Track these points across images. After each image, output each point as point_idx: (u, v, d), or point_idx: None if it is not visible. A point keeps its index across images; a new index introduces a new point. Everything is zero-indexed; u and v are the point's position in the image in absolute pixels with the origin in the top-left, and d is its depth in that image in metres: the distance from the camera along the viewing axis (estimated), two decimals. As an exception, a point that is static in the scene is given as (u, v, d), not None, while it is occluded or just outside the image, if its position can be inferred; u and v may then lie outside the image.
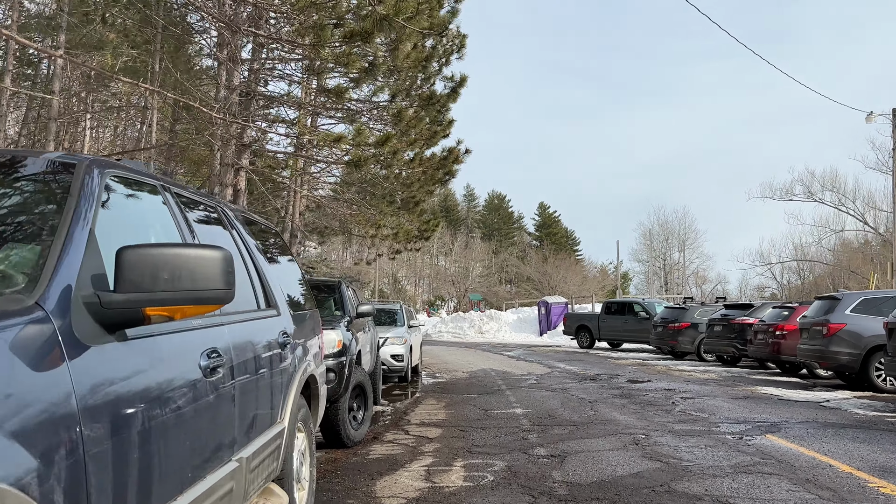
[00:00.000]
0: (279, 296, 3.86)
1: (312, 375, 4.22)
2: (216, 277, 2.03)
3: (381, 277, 75.02)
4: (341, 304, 7.98)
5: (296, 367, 3.83)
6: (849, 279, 53.04)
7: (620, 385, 12.94)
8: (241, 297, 3.16)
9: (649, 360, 19.66)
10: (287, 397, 3.62)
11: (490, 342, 30.94)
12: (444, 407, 9.92)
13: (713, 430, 7.64)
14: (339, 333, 6.80)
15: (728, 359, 18.46)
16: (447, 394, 11.85)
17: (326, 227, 26.92)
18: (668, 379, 14.25)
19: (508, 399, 10.75)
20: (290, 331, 3.81)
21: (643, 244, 76.78)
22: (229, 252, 2.11)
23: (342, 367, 6.68)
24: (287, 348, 3.68)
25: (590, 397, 10.86)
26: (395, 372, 13.99)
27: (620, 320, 24.82)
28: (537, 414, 8.96)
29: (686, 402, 10.23)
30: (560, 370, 16.48)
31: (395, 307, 16.40)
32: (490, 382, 13.69)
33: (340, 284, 8.26)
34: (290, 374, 3.71)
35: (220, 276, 2.04)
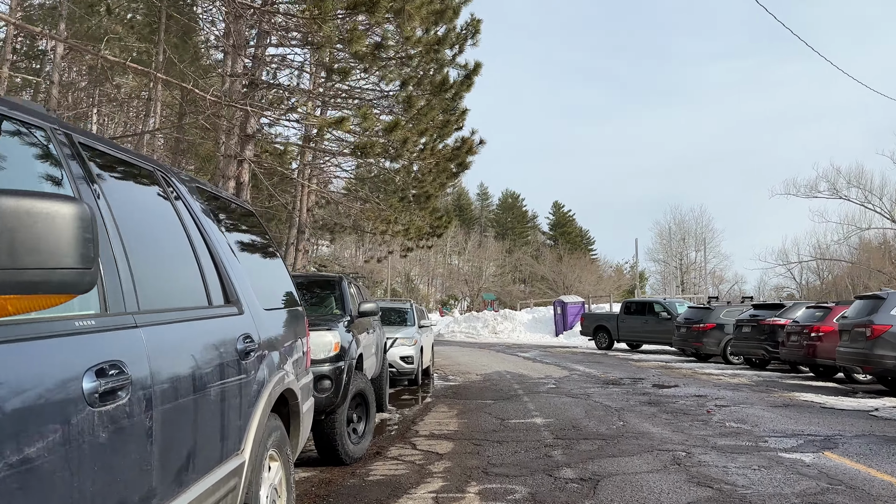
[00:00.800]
0: (244, 290, 3.02)
1: (290, 389, 3.36)
2: (64, 247, 1.19)
3: (393, 277, 74.33)
4: (342, 302, 7.15)
5: (265, 379, 2.99)
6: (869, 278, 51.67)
7: (646, 390, 12.02)
8: (179, 287, 2.32)
9: (672, 363, 18.70)
10: (250, 420, 2.78)
11: (504, 343, 30.05)
12: (457, 415, 9.06)
13: (761, 446, 6.73)
14: (336, 335, 5.96)
15: (756, 362, 17.47)
16: (460, 399, 10.99)
17: (337, 223, 26.20)
18: (697, 384, 13.31)
19: (526, 406, 9.87)
20: (257, 334, 2.97)
21: (659, 243, 75.52)
22: (87, 207, 1.26)
23: (339, 373, 5.84)
24: (252, 357, 2.84)
25: (615, 404, 9.96)
26: (404, 375, 13.16)
27: (640, 321, 23.84)
28: (560, 425, 8.07)
29: (722, 411, 9.31)
30: (579, 373, 15.58)
31: (405, 306, 15.56)
32: (505, 386, 12.82)
33: (341, 280, 7.43)
34: (256, 390, 2.87)
35: (70, 246, 1.20)
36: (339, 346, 5.92)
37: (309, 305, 7.38)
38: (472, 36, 15.25)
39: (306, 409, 3.79)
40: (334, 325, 6.05)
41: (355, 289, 8.37)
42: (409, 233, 21.54)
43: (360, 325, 7.31)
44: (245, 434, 2.71)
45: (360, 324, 7.33)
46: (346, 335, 6.31)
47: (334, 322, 6.20)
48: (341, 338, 6.02)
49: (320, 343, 5.84)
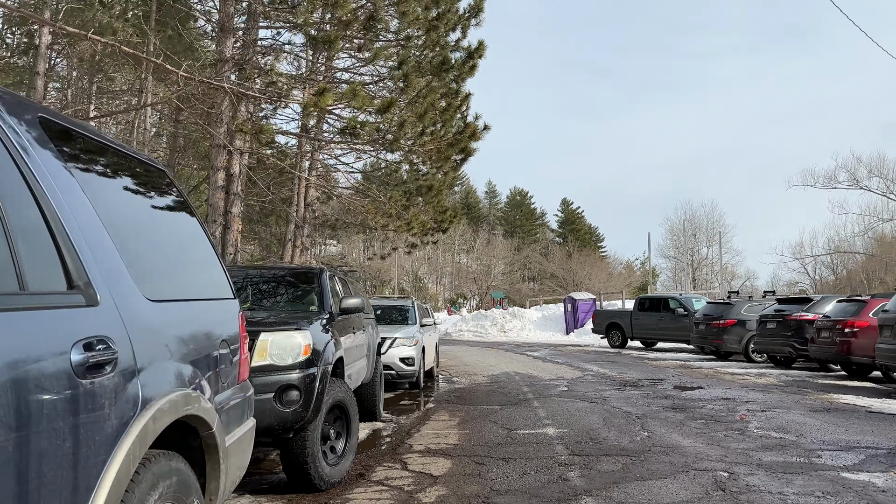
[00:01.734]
0: (109, 272, 2.01)
1: (198, 416, 2.35)
2: None
3: (401, 276, 73.48)
4: (320, 297, 6.14)
5: (141, 403, 1.99)
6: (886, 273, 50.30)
7: (667, 393, 10.98)
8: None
9: (691, 362, 17.62)
10: (105, 468, 1.77)
11: (513, 341, 29.00)
12: (458, 424, 8.04)
13: (816, 464, 5.69)
14: (307, 336, 4.96)
15: (781, 360, 16.37)
16: (464, 404, 9.98)
17: (339, 219, 25.23)
18: (721, 384, 12.25)
19: (537, 413, 8.84)
20: (125, 336, 1.97)
21: (670, 239, 74.34)
22: None
23: (310, 381, 4.84)
24: (108, 372, 1.84)
25: (636, 410, 8.92)
26: (404, 377, 12.18)
27: (655, 317, 22.74)
28: (575, 436, 7.04)
29: (758, 418, 8.25)
30: (593, 374, 14.54)
31: (405, 304, 14.56)
32: (514, 389, 11.80)
33: (321, 273, 6.42)
34: (120, 421, 1.87)
35: None
36: (310, 348, 4.92)
37: (285, 302, 6.38)
38: (475, 14, 14.24)
39: (236, 438, 2.79)
40: (305, 325, 5.04)
41: (340, 283, 7.37)
42: (412, 228, 20.56)
43: (343, 325, 6.31)
44: (93, 491, 1.72)
45: (343, 323, 6.33)
46: (322, 336, 5.30)
47: (306, 320, 5.20)
48: (314, 339, 5.02)
49: (287, 346, 4.84)
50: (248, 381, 3.28)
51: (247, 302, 6.15)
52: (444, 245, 77.72)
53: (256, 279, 6.45)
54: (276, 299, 6.34)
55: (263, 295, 6.39)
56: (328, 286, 6.29)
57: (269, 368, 4.73)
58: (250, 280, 6.43)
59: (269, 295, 6.38)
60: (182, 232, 2.85)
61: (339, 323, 6.17)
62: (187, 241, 2.89)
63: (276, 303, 6.28)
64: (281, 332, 4.87)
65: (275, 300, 6.32)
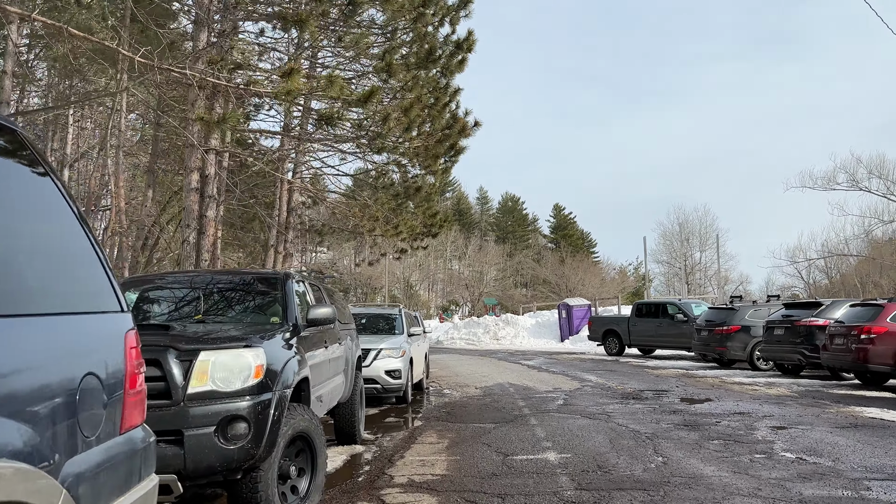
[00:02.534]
0: None
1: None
2: None
3: (393, 283, 72.55)
4: (284, 307, 5.25)
5: None
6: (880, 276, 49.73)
7: (675, 406, 10.13)
8: None
9: (693, 370, 16.79)
10: None
11: (506, 349, 28.11)
12: (448, 448, 7.15)
13: (869, 499, 4.84)
14: (260, 354, 4.07)
15: (789, 368, 15.56)
16: (454, 422, 9.09)
17: (325, 225, 24.34)
18: (731, 396, 11.41)
19: (535, 432, 7.96)
20: None
21: (662, 244, 73.73)
22: None
23: (262, 410, 3.95)
24: None
25: (644, 429, 8.06)
26: (391, 391, 11.29)
27: (653, 324, 21.91)
28: (580, 463, 6.17)
29: (781, 437, 7.41)
30: (591, 384, 13.68)
31: (392, 312, 13.66)
32: (508, 403, 10.92)
33: (286, 280, 5.52)
34: None
35: None
36: (263, 369, 4.03)
37: (242, 313, 5.49)
38: (464, 6, 13.42)
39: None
40: (257, 341, 4.15)
41: (313, 290, 6.47)
42: (400, 232, 19.70)
43: (312, 338, 5.42)
44: None
45: (313, 336, 5.44)
46: (281, 353, 4.42)
47: (260, 336, 4.31)
48: (269, 357, 4.13)
49: (234, 367, 3.95)
50: (144, 428, 2.39)
51: (195, 314, 5.25)
52: (436, 251, 76.93)
53: (207, 287, 5.55)
54: (231, 310, 5.44)
55: (216, 305, 5.49)
56: (293, 294, 5.40)
57: (210, 396, 3.85)
58: (198, 287, 5.53)
59: (222, 305, 5.48)
60: (34, 215, 1.95)
61: (307, 336, 5.28)
62: (45, 229, 1.99)
63: (231, 314, 5.39)
64: (226, 350, 3.98)
65: (230, 311, 5.42)
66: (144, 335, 4.19)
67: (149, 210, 25.34)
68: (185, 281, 5.63)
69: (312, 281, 6.69)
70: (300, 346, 4.96)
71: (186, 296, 5.49)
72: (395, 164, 18.18)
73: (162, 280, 5.67)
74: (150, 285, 5.64)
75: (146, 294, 5.61)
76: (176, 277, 5.78)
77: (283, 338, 4.70)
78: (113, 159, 19.24)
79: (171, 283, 5.67)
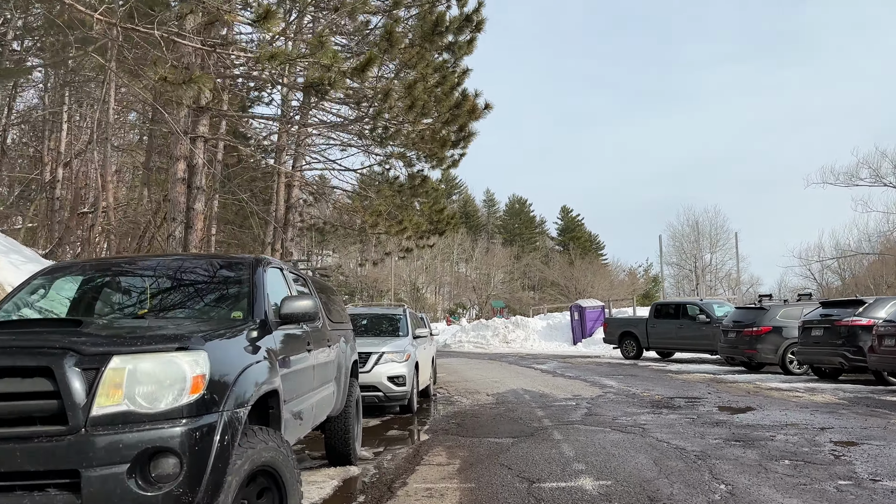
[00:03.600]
0: None
1: None
2: None
3: (399, 285, 71.51)
4: (250, 300, 4.08)
5: None
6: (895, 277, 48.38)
7: (716, 417, 8.92)
8: None
9: (721, 375, 15.55)
10: None
11: (517, 353, 26.89)
12: (460, 471, 5.98)
13: None
14: (199, 360, 2.91)
15: (827, 371, 14.33)
16: (466, 436, 7.91)
17: (326, 223, 23.23)
18: (773, 404, 10.21)
19: (561, 450, 6.78)
20: None
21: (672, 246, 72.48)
22: None
23: (201, 438, 2.78)
24: None
25: (690, 446, 6.86)
26: (394, 400, 10.14)
27: (674, 325, 20.65)
28: (626, 494, 4.98)
29: (857, 455, 6.21)
30: (613, 391, 12.48)
31: (396, 312, 12.49)
32: (525, 413, 9.74)
33: (256, 265, 4.35)
34: None
35: None
36: (204, 381, 2.87)
37: (199, 308, 4.32)
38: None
39: None
40: (197, 342, 2.98)
41: (298, 283, 5.31)
42: (405, 228, 18.54)
43: (289, 340, 4.26)
44: None
45: (289, 338, 4.28)
46: (236, 358, 3.26)
47: (203, 335, 3.14)
48: (214, 365, 2.96)
49: (161, 377, 2.80)
50: None
51: (138, 310, 4.10)
52: (443, 254, 75.86)
53: (156, 274, 4.38)
54: (186, 304, 4.26)
55: (167, 298, 4.32)
56: (264, 284, 4.23)
57: (125, 419, 2.69)
58: (146, 275, 4.37)
59: (175, 298, 4.31)
60: None
61: (282, 337, 4.12)
62: None
63: (186, 309, 4.20)
64: (151, 354, 2.82)
65: (184, 305, 4.25)
66: (36, 333, 3.03)
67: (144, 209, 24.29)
68: (129, 268, 4.47)
69: (295, 270, 5.52)
70: (271, 348, 3.80)
71: (129, 286, 4.34)
72: (398, 157, 17.07)
73: (99, 267, 4.50)
74: (81, 273, 4.48)
75: (85, 285, 4.46)
76: (117, 264, 4.62)
77: (245, 337, 3.54)
78: (101, 153, 18.15)
79: (111, 270, 4.50)
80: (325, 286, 7.46)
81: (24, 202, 25.66)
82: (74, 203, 20.43)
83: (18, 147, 28.15)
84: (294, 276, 5.30)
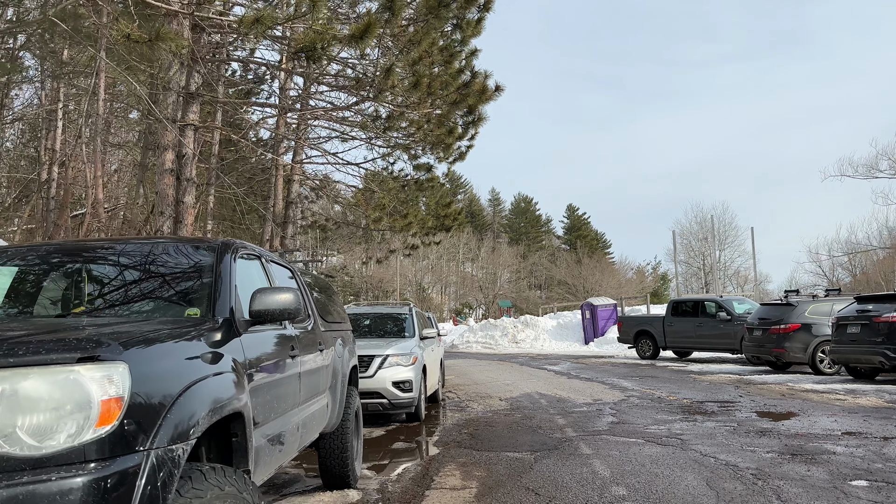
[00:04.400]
0: None
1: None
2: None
3: (404, 285, 70.71)
4: (212, 293, 3.18)
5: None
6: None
7: (758, 425, 8.00)
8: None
9: (747, 375, 14.61)
10: None
11: (527, 353, 25.97)
12: (478, 497, 5.06)
13: None
14: (114, 378, 2.00)
15: (864, 371, 13.38)
16: (481, 450, 7.01)
17: (328, 219, 22.35)
18: (816, 409, 9.27)
19: (594, 468, 5.87)
20: None
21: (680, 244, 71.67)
22: None
23: (115, 490, 1.89)
24: None
25: (742, 461, 5.94)
26: (400, 407, 9.24)
27: (692, 323, 19.68)
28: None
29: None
30: (636, 394, 11.57)
31: (401, 311, 11.57)
32: (545, 421, 8.83)
33: (224, 252, 3.45)
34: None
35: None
36: (120, 406, 1.94)
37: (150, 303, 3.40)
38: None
39: None
40: (111, 350, 2.06)
41: (283, 273, 4.41)
42: (410, 224, 17.67)
43: (264, 345, 3.36)
44: None
45: (263, 341, 3.38)
46: (176, 372, 2.35)
47: (120, 341, 2.22)
48: (134, 384, 2.03)
49: (54, 403, 1.89)
50: None
51: (55, 305, 3.20)
52: (448, 253, 75.01)
53: (98, 261, 3.46)
54: (132, 299, 3.35)
55: (106, 291, 3.41)
56: (231, 275, 3.33)
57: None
58: (90, 261, 3.45)
59: (118, 291, 3.40)
60: None
61: (256, 340, 3.22)
62: None
63: (131, 305, 3.30)
64: (38, 368, 1.92)
65: (129, 300, 3.33)
66: None
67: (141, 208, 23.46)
68: (67, 254, 3.56)
69: (280, 261, 4.61)
70: (238, 356, 2.90)
71: (64, 277, 3.44)
72: (403, 150, 16.19)
73: (27, 253, 3.59)
74: (15, 259, 3.56)
75: (21, 273, 3.57)
76: (54, 249, 3.69)
77: (197, 341, 2.65)
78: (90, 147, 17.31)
79: (42, 256, 3.59)
80: (320, 281, 6.57)
81: (23, 204, 24.90)
82: (65, 201, 19.59)
83: (18, 147, 27.44)
84: (282, 268, 4.39)
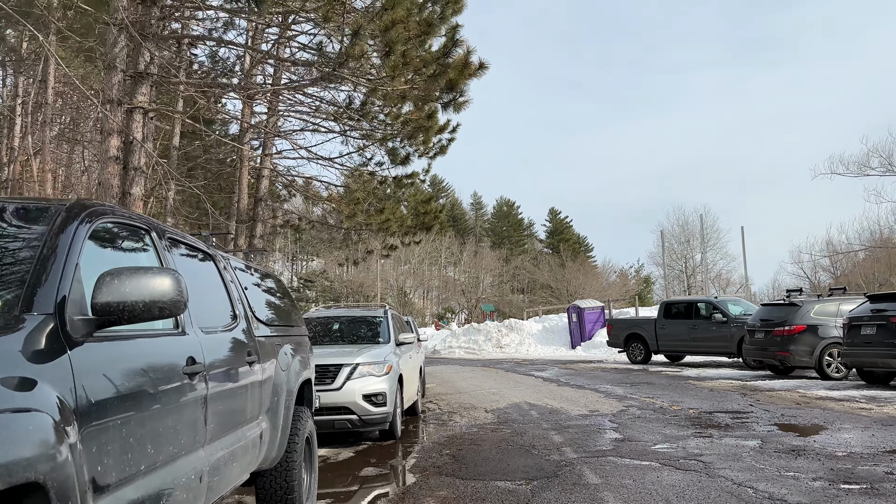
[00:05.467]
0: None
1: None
2: None
3: (386, 290, 69.33)
4: (31, 282, 1.98)
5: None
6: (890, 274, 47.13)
7: (786, 442, 6.89)
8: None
9: (750, 381, 13.55)
10: None
11: (512, 358, 24.83)
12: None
13: None
14: None
15: (878, 375, 12.39)
16: (466, 478, 5.83)
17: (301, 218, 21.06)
18: (843, 419, 8.21)
19: (603, 502, 4.71)
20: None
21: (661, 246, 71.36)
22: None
23: None
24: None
25: (787, 492, 4.82)
26: (372, 424, 8.04)
27: (686, 326, 18.62)
28: None
29: None
30: (636, 404, 10.45)
31: (376, 315, 10.34)
32: (538, 438, 7.68)
33: (68, 217, 2.25)
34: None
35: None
36: None
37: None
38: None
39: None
40: None
41: (171, 257, 3.21)
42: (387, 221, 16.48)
43: (125, 359, 2.17)
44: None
45: (123, 354, 2.18)
46: None
47: None
48: None
49: None
50: None
51: None
52: (430, 257, 73.89)
53: None
54: None
55: None
56: (77, 251, 2.12)
57: None
58: None
59: None
60: None
61: (103, 351, 2.03)
62: None
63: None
64: None
65: None
66: None
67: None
68: None
69: (196, 244, 3.40)
70: (63, 380, 1.70)
71: None
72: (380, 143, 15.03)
73: None
74: None
75: None
76: None
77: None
78: (37, 137, 15.95)
79: None
80: (268, 279, 5.37)
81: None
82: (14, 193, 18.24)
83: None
84: (184, 246, 3.19)
